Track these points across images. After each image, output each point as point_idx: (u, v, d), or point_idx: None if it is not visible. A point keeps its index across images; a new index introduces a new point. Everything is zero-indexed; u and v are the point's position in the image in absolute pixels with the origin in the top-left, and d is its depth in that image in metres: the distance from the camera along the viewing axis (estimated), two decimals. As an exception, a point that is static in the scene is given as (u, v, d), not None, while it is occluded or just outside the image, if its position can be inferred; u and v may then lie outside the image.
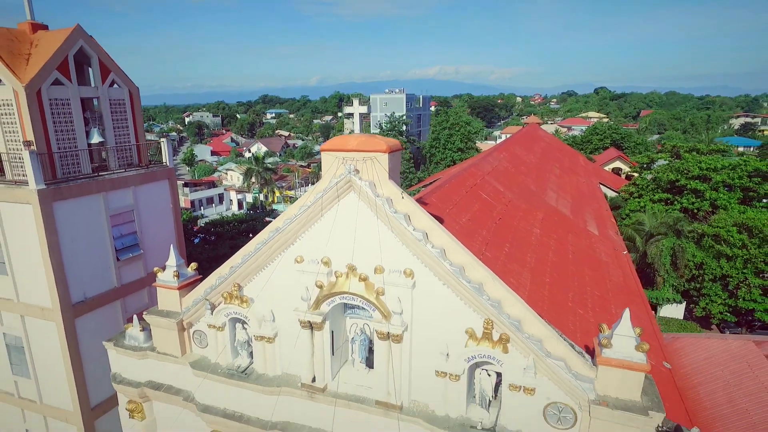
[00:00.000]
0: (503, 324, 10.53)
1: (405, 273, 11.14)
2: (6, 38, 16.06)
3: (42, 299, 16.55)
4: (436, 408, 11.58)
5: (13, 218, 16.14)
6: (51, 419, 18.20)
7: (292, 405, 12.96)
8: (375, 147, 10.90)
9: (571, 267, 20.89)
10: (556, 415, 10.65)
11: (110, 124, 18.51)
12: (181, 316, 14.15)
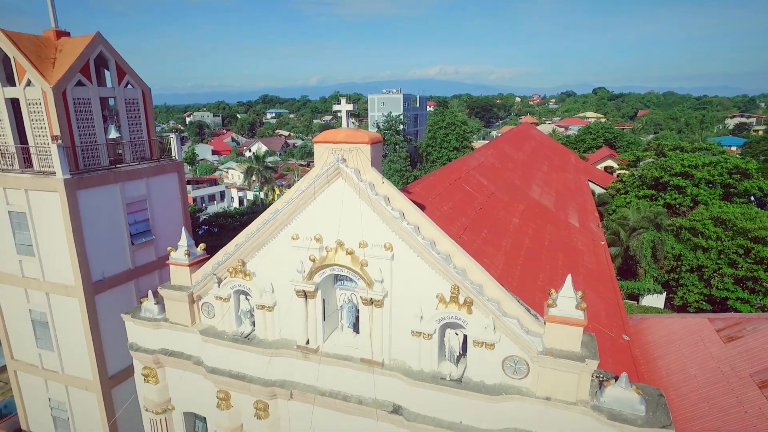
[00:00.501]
0: (467, 288, 12.44)
1: (385, 247, 13.05)
2: (34, 44, 17.95)
3: (66, 278, 18.43)
4: (412, 363, 13.48)
5: (41, 205, 18.02)
6: (72, 388, 20.08)
7: (289, 365, 14.86)
8: (359, 139, 12.83)
9: (546, 253, 22.79)
10: (512, 366, 12.55)
11: (125, 121, 20.41)
12: (191, 290, 16.06)
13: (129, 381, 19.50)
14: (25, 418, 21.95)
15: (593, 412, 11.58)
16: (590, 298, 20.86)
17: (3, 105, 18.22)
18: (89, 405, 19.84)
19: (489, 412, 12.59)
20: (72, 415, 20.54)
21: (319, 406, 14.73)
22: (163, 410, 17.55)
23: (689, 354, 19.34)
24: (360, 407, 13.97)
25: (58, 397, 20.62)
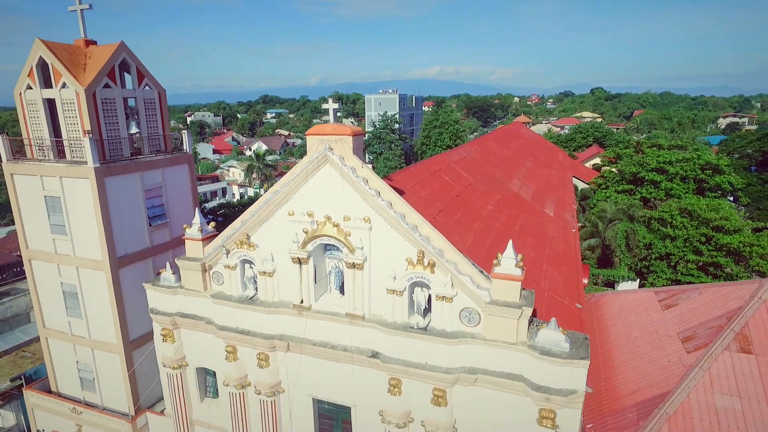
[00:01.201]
0: (430, 253, 15.35)
1: (364, 220, 15.96)
2: (68, 52, 20.81)
3: (94, 253, 21.28)
4: (387, 316, 16.37)
5: (73, 190, 20.88)
6: (98, 351, 22.93)
7: (286, 321, 17.77)
8: (343, 132, 15.75)
9: (515, 235, 25.63)
10: (467, 316, 15.47)
11: (144, 118, 23.27)
12: (203, 260, 18.98)
13: (147, 344, 22.35)
14: (54, 381, 24.83)
15: (529, 350, 14.51)
16: (551, 274, 23.83)
17: (41, 104, 21.12)
18: (113, 366, 22.72)
19: (449, 354, 15.51)
20: (97, 376, 23.42)
21: (312, 356, 17.67)
22: (179, 366, 20.48)
23: (635, 320, 22.27)
24: (345, 354, 16.90)
25: (84, 359, 23.49)
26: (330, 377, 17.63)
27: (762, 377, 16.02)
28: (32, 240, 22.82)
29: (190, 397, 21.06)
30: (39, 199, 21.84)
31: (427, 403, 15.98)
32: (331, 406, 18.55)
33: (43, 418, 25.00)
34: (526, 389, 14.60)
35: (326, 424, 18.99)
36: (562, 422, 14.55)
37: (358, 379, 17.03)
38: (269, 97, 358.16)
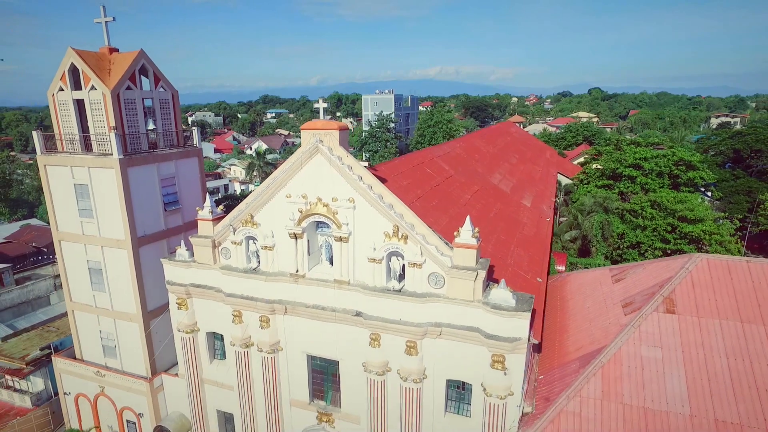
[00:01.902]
0: (403, 226, 18.52)
1: (349, 200, 19.13)
2: (95, 59, 23.94)
3: (117, 234, 24.39)
4: (369, 281, 19.53)
5: (99, 179, 23.98)
6: (119, 321, 26.04)
7: (284, 288, 20.94)
8: (331, 127, 18.93)
9: (489, 221, 28.80)
10: (434, 279, 18.63)
11: (159, 116, 26.39)
12: (213, 238, 22.15)
13: (164, 316, 25.50)
14: (79, 349, 27.92)
15: (483, 306, 17.69)
16: (518, 253, 26.97)
17: (72, 104, 24.24)
18: (132, 334, 25.83)
19: (419, 312, 18.70)
20: (118, 343, 26.53)
21: (306, 317, 20.87)
22: (192, 330, 23.68)
23: (589, 293, 25.42)
24: (334, 314, 20.10)
25: (107, 329, 26.60)
26: (321, 335, 20.83)
27: (681, 332, 19.18)
28: (62, 223, 25.98)
29: (200, 358, 24.25)
30: (69, 187, 24.99)
31: (401, 354, 19.18)
32: (322, 362, 21.75)
33: (70, 382, 28.18)
34: (481, 338, 17.79)
35: (318, 378, 22.18)
36: (511, 365, 17.76)
37: (344, 336, 20.23)
38: (269, 97, 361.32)
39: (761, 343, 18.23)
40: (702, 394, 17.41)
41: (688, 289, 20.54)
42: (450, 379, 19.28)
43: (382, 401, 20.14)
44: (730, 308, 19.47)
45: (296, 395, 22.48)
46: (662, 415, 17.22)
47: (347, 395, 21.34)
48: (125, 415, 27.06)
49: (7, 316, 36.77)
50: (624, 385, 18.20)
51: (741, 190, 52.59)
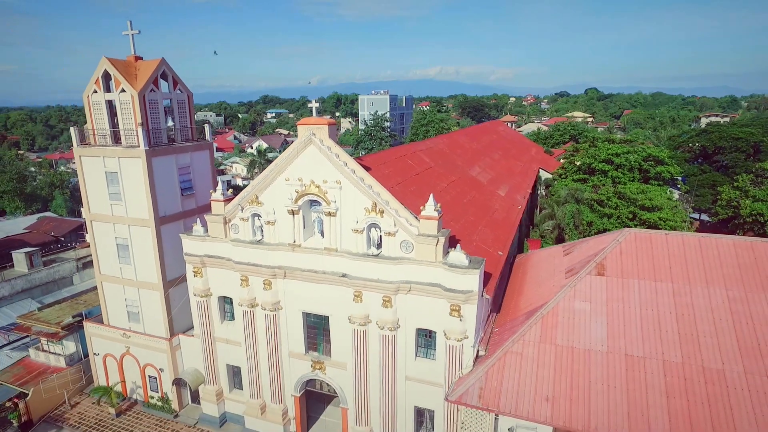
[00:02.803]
0: (380, 203, 22.89)
1: (336, 182, 23.51)
2: (124, 66, 28.30)
3: (143, 214, 28.72)
4: (353, 248, 23.89)
5: (128, 167, 28.30)
6: (142, 290, 30.36)
7: (283, 256, 25.30)
8: (322, 122, 23.31)
9: (461, 206, 33.15)
10: (405, 245, 23.00)
11: (177, 114, 30.72)
12: (224, 215, 26.52)
13: (181, 286, 29.87)
14: (106, 316, 32.25)
15: (443, 265, 22.06)
16: (485, 232, 31.31)
17: (104, 104, 28.62)
18: (154, 301, 30.16)
19: (393, 272, 23.06)
20: (141, 309, 30.86)
21: (301, 280, 25.23)
22: (205, 295, 28.08)
23: (543, 265, 29.80)
24: (324, 276, 24.47)
25: (131, 297, 30.94)
26: (314, 295, 25.22)
27: (607, 290, 23.54)
28: (94, 205, 30.37)
29: (213, 319, 28.66)
30: (101, 174, 29.38)
31: (379, 307, 23.58)
32: (315, 318, 26.13)
33: (99, 344, 32.58)
34: (441, 292, 22.19)
35: (312, 332, 26.56)
36: (465, 313, 22.16)
37: (332, 294, 24.63)
38: (269, 97, 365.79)
39: (668, 296, 22.65)
40: (617, 336, 21.81)
41: (616, 256, 24.93)
42: (419, 328, 23.66)
43: (364, 348, 24.54)
44: (648, 270, 23.89)
45: (294, 348, 26.88)
46: (585, 353, 21.61)
47: (336, 346, 25.74)
48: (147, 371, 31.45)
49: (36, 293, 41.22)
50: (558, 331, 22.59)
51: (706, 184, 56.91)
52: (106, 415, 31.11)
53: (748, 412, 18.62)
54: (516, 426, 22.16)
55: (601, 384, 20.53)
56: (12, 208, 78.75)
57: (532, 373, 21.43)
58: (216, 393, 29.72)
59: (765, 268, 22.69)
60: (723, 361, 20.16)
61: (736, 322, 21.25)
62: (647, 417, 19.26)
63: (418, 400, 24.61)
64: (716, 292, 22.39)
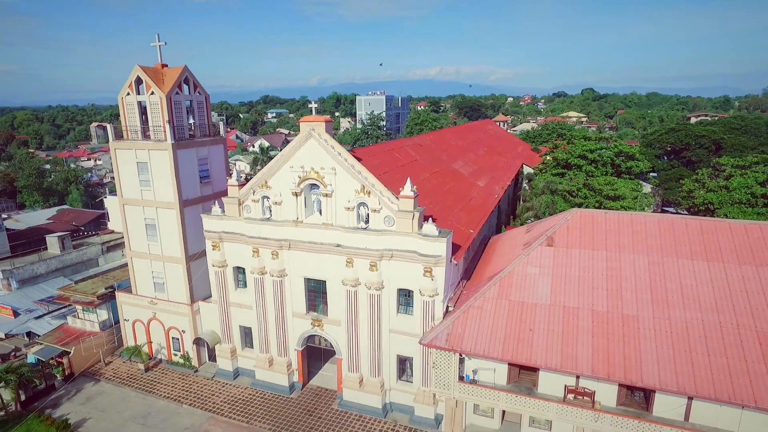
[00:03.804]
0: (368, 185, 28.12)
1: (332, 169, 28.75)
2: (153, 72, 33.48)
3: (168, 198, 33.89)
4: (345, 223, 29.12)
5: (156, 158, 33.48)
6: (167, 263, 35.52)
7: (288, 231, 30.53)
8: (320, 120, 28.58)
9: (441, 193, 38.31)
10: (388, 220, 28.23)
11: (196, 113, 35.90)
12: (238, 198, 31.75)
13: (200, 260, 35.09)
14: (135, 287, 37.42)
15: (418, 235, 27.29)
16: (460, 215, 36.48)
17: (136, 105, 33.83)
18: (177, 272, 35.35)
19: (378, 242, 28.28)
20: (166, 280, 36.05)
21: (303, 250, 30.46)
22: (222, 265, 33.30)
23: (508, 242, 35.02)
24: (322, 246, 29.70)
25: (157, 270, 36.12)
26: (313, 263, 30.44)
27: (553, 257, 28.73)
28: (126, 191, 35.57)
29: (228, 286, 33.87)
30: (132, 164, 34.60)
31: (367, 271, 28.79)
32: (314, 283, 31.34)
33: (128, 311, 37.84)
34: (417, 257, 27.40)
35: (312, 295, 31.78)
36: (436, 274, 27.37)
37: (329, 261, 29.84)
38: (270, 97, 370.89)
39: (601, 261, 27.89)
40: (558, 292, 27.04)
41: (564, 231, 30.16)
42: (399, 288, 28.88)
43: (355, 306, 29.75)
44: (587, 241, 29.12)
45: (296, 308, 32.11)
46: (532, 305, 26.83)
47: (332, 305, 30.96)
48: (171, 333, 36.68)
49: (68, 272, 46.48)
50: (512, 290, 27.81)
51: (673, 177, 62.06)
52: (135, 370, 36.35)
53: (652, 346, 23.87)
54: (478, 368, 27.48)
55: (543, 328, 25.77)
56: (31, 202, 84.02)
57: (489, 322, 26.65)
58: (230, 351, 34.95)
59: (680, 239, 27.95)
60: (638, 310, 25.40)
61: (651, 280, 26.50)
62: (575, 351, 24.52)
63: (400, 349, 29.84)
64: (639, 258, 27.64)
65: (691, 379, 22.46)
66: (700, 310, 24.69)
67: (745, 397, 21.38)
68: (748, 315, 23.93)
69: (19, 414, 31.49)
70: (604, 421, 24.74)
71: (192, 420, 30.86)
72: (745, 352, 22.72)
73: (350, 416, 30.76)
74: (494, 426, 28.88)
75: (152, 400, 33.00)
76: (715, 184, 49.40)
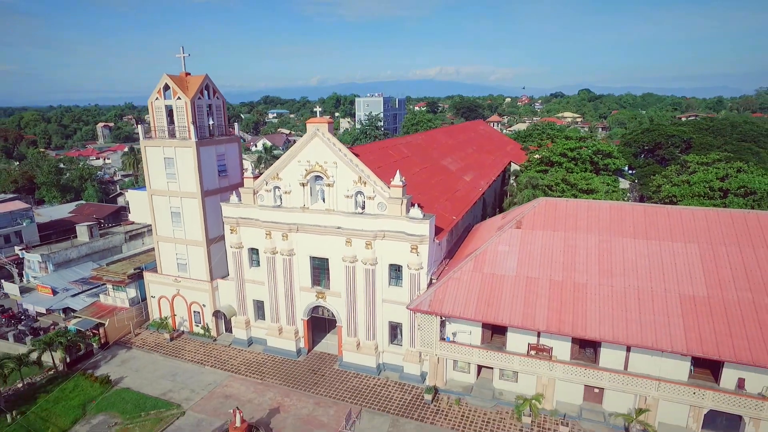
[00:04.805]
0: (364, 176, 33.42)
1: (334, 163, 34.06)
2: (179, 80, 38.74)
3: (192, 189, 39.15)
4: (345, 209, 34.41)
5: (181, 154, 38.73)
6: (190, 246, 40.75)
7: (296, 216, 35.82)
8: (323, 121, 33.92)
9: (428, 186, 43.59)
10: (381, 206, 33.53)
11: (215, 115, 41.17)
12: (253, 188, 37.06)
13: (219, 243, 40.38)
14: (160, 267, 42.64)
15: (406, 218, 32.61)
16: (445, 204, 41.77)
17: (164, 108, 39.11)
18: (198, 254, 40.60)
19: (372, 224, 33.60)
20: (188, 261, 41.30)
21: (309, 233, 35.78)
22: (238, 247, 38.62)
23: (486, 228, 40.30)
24: (325, 228, 35.04)
25: (181, 252, 41.38)
26: (318, 243, 35.74)
27: (521, 237, 34.01)
28: (154, 183, 40.86)
29: (243, 265, 39.17)
30: (160, 160, 39.90)
31: (363, 249, 34.10)
32: (318, 261, 36.64)
33: (154, 289, 43.16)
34: (405, 237, 32.71)
35: (316, 271, 37.07)
36: (421, 251, 32.68)
37: (331, 242, 35.15)
38: (270, 97, 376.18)
39: (559, 240, 33.17)
40: (523, 265, 32.33)
41: (531, 216, 35.46)
42: (391, 263, 34.16)
43: (353, 280, 35.03)
44: (549, 224, 34.42)
45: (303, 283, 37.39)
46: (501, 276, 32.12)
47: (333, 279, 36.25)
48: (193, 308, 42.00)
49: (96, 257, 51.80)
50: (485, 264, 33.11)
51: (648, 174, 67.33)
52: (162, 340, 41.65)
53: (596, 307, 29.18)
54: (457, 331, 32.82)
55: (508, 294, 31.08)
56: (50, 198, 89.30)
57: (465, 290, 31.94)
58: (245, 322, 40.25)
59: (626, 222, 33.27)
60: (587, 279, 30.71)
61: (600, 255, 31.81)
62: (534, 312, 29.82)
63: (391, 316, 35.12)
64: (591, 237, 32.95)
65: (624, 331, 27.78)
66: (636, 278, 30.01)
67: (664, 344, 26.71)
68: (673, 281, 29.27)
69: (65, 373, 36.77)
70: (558, 370, 30.11)
71: (214, 378, 36.15)
72: (669, 310, 28.05)
73: (349, 374, 36.05)
74: (470, 380, 34.16)
75: (178, 363, 38.30)
76: (679, 179, 54.67)
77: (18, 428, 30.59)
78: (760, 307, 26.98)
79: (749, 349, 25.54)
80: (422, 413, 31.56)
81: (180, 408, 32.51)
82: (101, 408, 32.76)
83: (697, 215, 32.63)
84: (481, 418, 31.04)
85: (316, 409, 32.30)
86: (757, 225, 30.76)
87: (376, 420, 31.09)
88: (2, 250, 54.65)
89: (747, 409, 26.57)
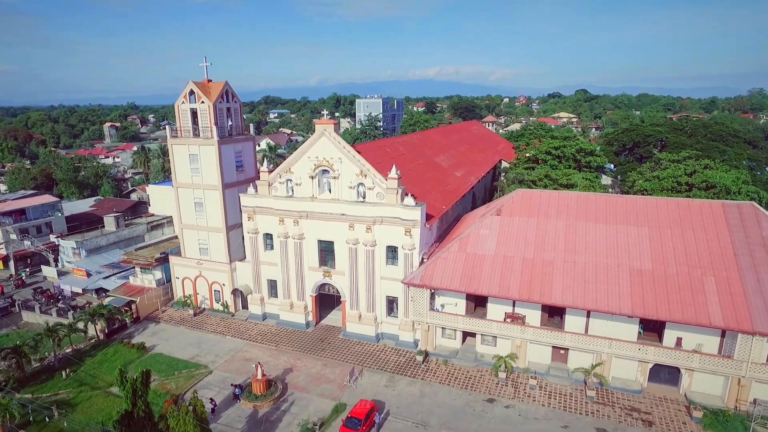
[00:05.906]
0: (365, 169, 38.90)
1: (339, 158, 39.53)
2: (202, 86, 44.15)
3: (213, 182, 44.55)
4: (348, 198, 39.88)
5: (204, 151, 44.11)
6: (211, 233, 46.17)
7: (306, 204, 41.29)
8: (329, 123, 39.44)
9: (422, 180, 49.05)
10: (379, 195, 39.00)
11: (233, 117, 46.56)
12: (268, 180, 42.54)
13: (236, 230, 45.81)
14: (184, 251, 47.99)
15: (401, 206, 38.11)
16: (436, 196, 47.25)
17: (188, 111, 44.53)
18: (218, 240, 46.01)
19: (372, 211, 39.13)
20: (209, 246, 46.72)
21: (317, 219, 41.26)
22: (255, 232, 44.11)
23: (472, 216, 45.77)
24: (331, 215, 40.54)
25: (203, 238, 46.79)
26: (325, 228, 41.23)
27: (500, 222, 39.49)
28: (179, 177, 46.32)
29: (258, 249, 44.65)
30: (185, 156, 45.35)
31: (364, 233, 39.61)
32: (325, 244, 42.11)
33: (179, 271, 48.64)
34: (400, 221, 38.21)
35: (323, 253, 42.56)
36: (413, 234, 38.19)
37: (336, 227, 40.64)
38: (271, 97, 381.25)
39: (533, 225, 38.67)
40: (501, 246, 37.82)
41: (510, 205, 40.95)
42: (388, 245, 39.63)
43: (355, 260, 40.49)
44: (524, 211, 39.91)
45: (311, 263, 42.86)
46: (482, 255, 37.61)
47: (338, 260, 41.72)
48: (213, 287, 47.48)
49: (121, 245, 57.27)
50: (469, 245, 38.59)
51: (627, 170, 72.77)
52: (186, 315, 47.12)
53: (560, 279, 34.66)
54: (445, 303, 38.34)
55: (488, 270, 36.54)
56: (68, 194, 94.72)
57: (451, 267, 37.41)
58: (260, 299, 45.72)
59: (590, 209, 38.76)
60: (554, 257, 36.19)
61: (566, 237, 37.30)
62: (509, 284, 35.28)
63: (388, 291, 40.60)
64: (560, 222, 38.43)
65: (583, 299, 33.28)
66: (595, 255, 35.51)
67: (614, 307, 32.21)
68: (625, 258, 34.78)
69: (104, 342, 42.24)
70: (529, 333, 35.62)
71: (234, 345, 41.64)
72: (620, 281, 33.55)
73: (352, 342, 41.53)
74: (456, 345, 39.63)
75: (202, 334, 43.78)
76: (651, 175, 60.13)
77: (72, 383, 36.05)
78: (693, 279, 32.51)
79: (682, 311, 31.06)
80: (414, 371, 37.07)
81: (207, 368, 37.99)
82: (140, 368, 38.12)
83: (649, 203, 38.15)
84: (465, 375, 36.54)
85: (323, 369, 37.79)
86: (697, 211, 36.30)
87: (375, 377, 36.57)
88: (36, 239, 60.10)
89: (683, 361, 32.09)
